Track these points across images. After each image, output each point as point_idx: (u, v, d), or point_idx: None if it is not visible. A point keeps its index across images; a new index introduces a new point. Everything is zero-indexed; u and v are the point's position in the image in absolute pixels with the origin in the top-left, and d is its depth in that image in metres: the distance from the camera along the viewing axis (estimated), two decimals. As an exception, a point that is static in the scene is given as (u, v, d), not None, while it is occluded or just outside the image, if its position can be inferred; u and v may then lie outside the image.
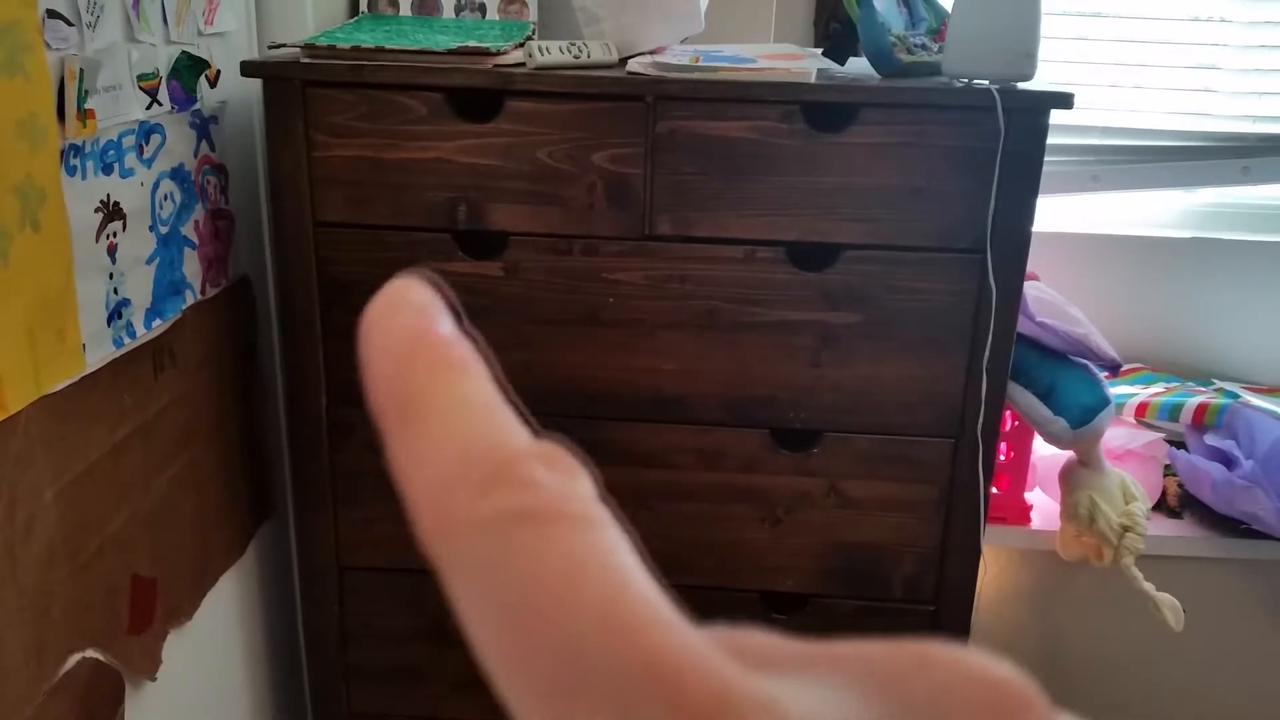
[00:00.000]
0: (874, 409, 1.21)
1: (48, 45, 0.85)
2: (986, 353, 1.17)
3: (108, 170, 0.97)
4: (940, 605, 1.28)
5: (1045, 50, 1.11)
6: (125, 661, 1.00)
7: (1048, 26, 1.60)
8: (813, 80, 1.11)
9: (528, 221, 1.16)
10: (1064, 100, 1.09)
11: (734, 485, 1.25)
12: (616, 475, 1.24)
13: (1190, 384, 1.72)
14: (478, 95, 1.12)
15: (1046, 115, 1.11)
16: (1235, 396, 1.65)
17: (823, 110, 1.12)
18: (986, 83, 1.12)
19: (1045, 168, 1.13)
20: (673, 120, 1.12)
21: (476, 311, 1.19)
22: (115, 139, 0.98)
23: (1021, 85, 1.12)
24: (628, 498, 1.25)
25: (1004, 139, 1.10)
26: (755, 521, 1.26)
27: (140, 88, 1.03)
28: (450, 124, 1.13)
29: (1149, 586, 1.44)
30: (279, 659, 1.46)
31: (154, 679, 1.07)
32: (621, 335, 1.19)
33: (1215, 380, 1.75)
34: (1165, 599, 1.43)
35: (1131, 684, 1.78)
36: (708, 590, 1.29)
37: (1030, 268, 1.66)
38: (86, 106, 0.92)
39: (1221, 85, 1.71)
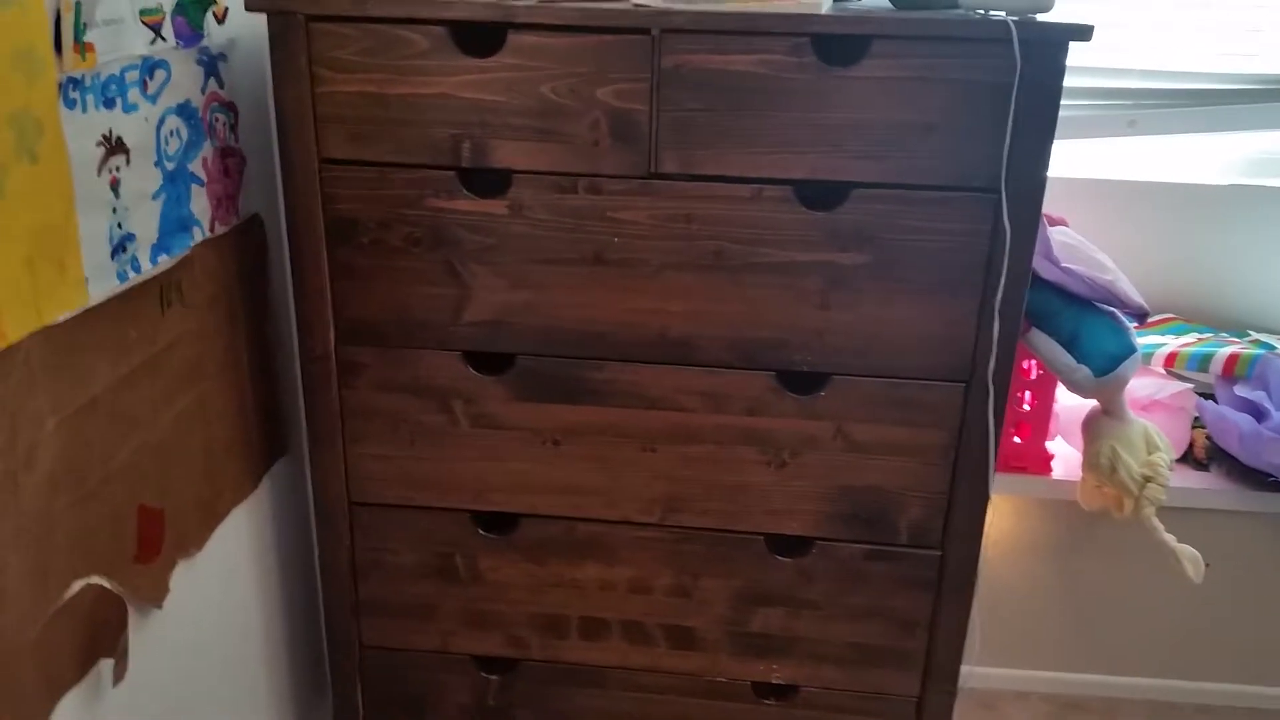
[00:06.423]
0: (883, 352, 1.19)
1: (42, -25, 0.85)
2: (999, 295, 1.15)
3: (109, 104, 0.97)
4: (947, 550, 1.26)
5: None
6: (131, 589, 1.02)
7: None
8: (824, 11, 1.08)
9: (532, 159, 1.15)
10: (1083, 33, 1.05)
11: (740, 428, 1.24)
12: (622, 417, 1.24)
13: (1224, 335, 1.67)
14: (480, 28, 1.10)
15: (1065, 49, 1.07)
16: (1270, 348, 1.60)
17: (834, 43, 1.09)
18: (1003, 14, 1.08)
19: (1080, 112, 1.09)
20: (679, 54, 1.10)
21: (480, 250, 1.19)
22: (117, 73, 0.98)
23: (1040, 17, 1.08)
24: (633, 439, 1.25)
25: (1021, 73, 1.07)
26: (761, 464, 1.25)
27: (143, 22, 1.02)
28: (453, 58, 1.11)
29: (1169, 537, 1.42)
30: (291, 592, 1.49)
31: (160, 607, 1.09)
32: (627, 275, 1.18)
33: (1251, 331, 1.70)
34: (1185, 550, 1.41)
35: (1152, 635, 1.76)
36: (712, 532, 1.29)
37: (1061, 213, 1.63)
38: (85, 39, 0.92)
39: (1270, 24, 1.64)
